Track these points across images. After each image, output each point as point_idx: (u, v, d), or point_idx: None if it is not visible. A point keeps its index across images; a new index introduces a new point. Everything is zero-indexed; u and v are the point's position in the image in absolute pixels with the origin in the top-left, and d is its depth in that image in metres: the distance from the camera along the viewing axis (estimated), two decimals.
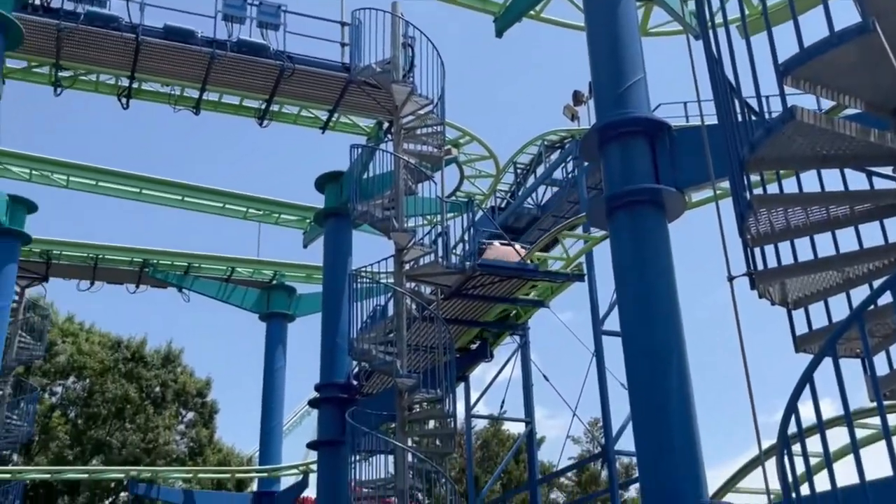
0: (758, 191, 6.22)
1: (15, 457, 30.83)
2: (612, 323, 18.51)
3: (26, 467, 28.12)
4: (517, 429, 35.06)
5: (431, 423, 15.97)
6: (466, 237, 16.74)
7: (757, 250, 6.51)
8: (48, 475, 27.19)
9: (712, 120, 8.30)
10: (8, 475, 24.91)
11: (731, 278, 8.35)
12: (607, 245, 15.60)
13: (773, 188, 6.63)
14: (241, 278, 27.73)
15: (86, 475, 28.28)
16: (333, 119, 20.05)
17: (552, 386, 20.83)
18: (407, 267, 15.81)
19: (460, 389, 20.28)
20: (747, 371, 8.56)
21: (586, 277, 17.42)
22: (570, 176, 20.11)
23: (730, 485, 18.20)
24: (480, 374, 45.36)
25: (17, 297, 25.13)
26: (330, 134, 20.57)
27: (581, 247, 17.12)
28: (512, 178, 23.25)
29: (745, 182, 6.18)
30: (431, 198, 16.74)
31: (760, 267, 6.50)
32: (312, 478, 26.49)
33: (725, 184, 9.17)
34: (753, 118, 6.06)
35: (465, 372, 20.42)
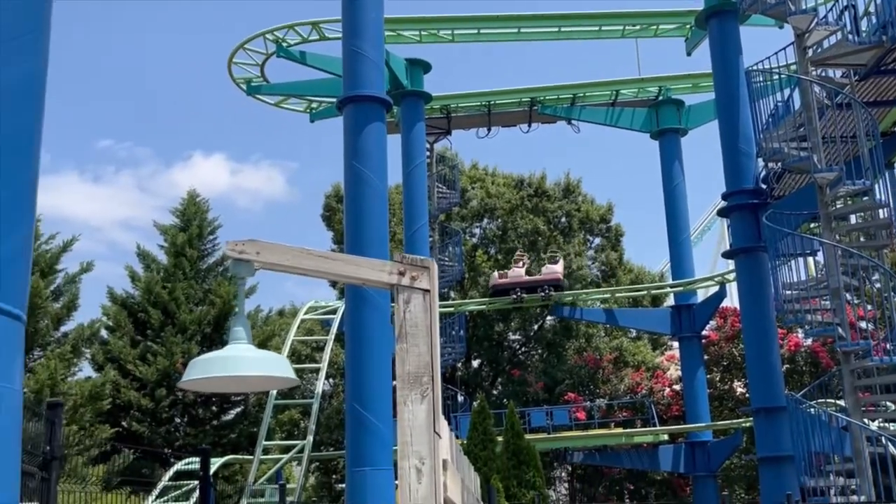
0: None
1: (452, 293, 34.31)
2: None
3: (464, 300, 31.17)
4: None
5: (853, 219, 14.74)
6: (877, 5, 14.63)
7: None
8: (483, 306, 29.94)
9: None
10: (451, 308, 27.87)
11: None
12: None
13: None
14: (627, 100, 27.39)
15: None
16: None
17: None
18: (810, 53, 14.33)
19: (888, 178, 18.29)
20: None
21: None
22: None
23: None
24: None
25: (427, 152, 27.27)
26: None
27: None
28: None
29: None
30: None
31: None
32: (728, 287, 26.16)
33: None
34: None
35: (892, 158, 18.34)
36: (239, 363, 4.14)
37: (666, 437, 25.46)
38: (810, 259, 15.34)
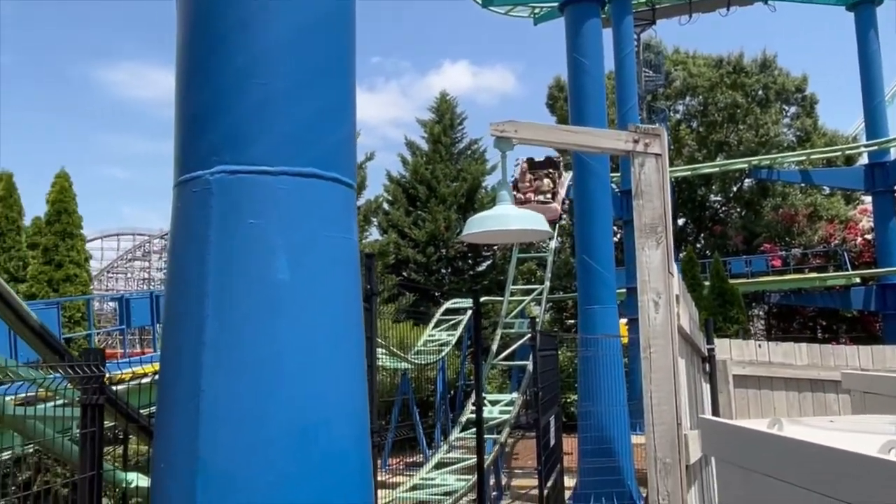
0: None
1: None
2: None
3: (671, 168, 29.72)
4: None
5: None
6: None
7: None
8: (687, 172, 28.46)
9: None
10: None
11: None
12: None
13: None
14: None
15: (715, 169, 28.91)
16: None
17: None
18: None
19: None
20: None
21: None
22: None
23: None
24: None
25: (635, 42, 25.69)
26: None
27: None
28: None
29: None
30: None
31: None
32: None
33: None
34: None
35: None
36: (506, 219, 4.25)
37: (858, 280, 23.40)
38: None
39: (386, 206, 30.79)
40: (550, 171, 20.97)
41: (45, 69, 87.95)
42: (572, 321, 30.33)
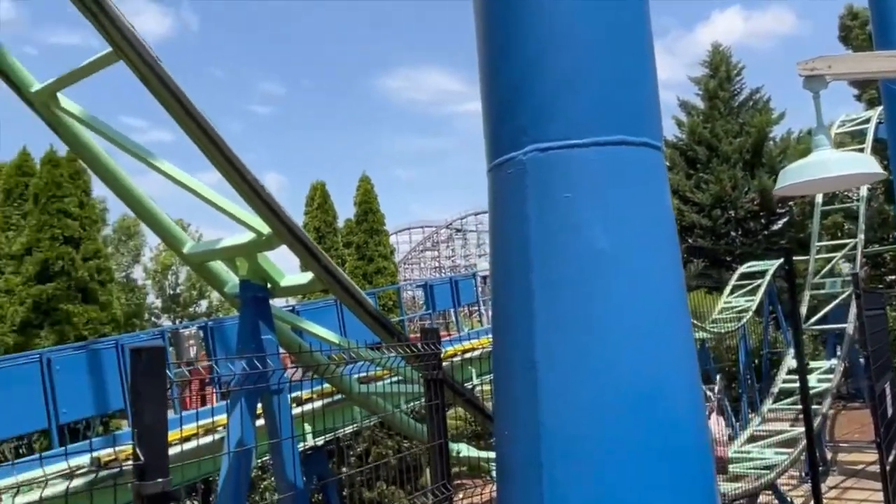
0: None
1: None
2: None
3: None
4: None
5: None
6: None
7: None
8: None
9: None
10: None
11: None
12: None
13: None
14: None
15: None
16: None
17: None
18: None
19: None
20: None
21: None
22: None
23: None
24: None
25: None
26: None
27: None
28: None
29: None
30: None
31: None
32: None
33: None
34: None
35: None
36: (827, 165, 3.84)
37: None
38: None
39: None
40: None
41: (336, 85, 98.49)
42: (893, 276, 26.60)
